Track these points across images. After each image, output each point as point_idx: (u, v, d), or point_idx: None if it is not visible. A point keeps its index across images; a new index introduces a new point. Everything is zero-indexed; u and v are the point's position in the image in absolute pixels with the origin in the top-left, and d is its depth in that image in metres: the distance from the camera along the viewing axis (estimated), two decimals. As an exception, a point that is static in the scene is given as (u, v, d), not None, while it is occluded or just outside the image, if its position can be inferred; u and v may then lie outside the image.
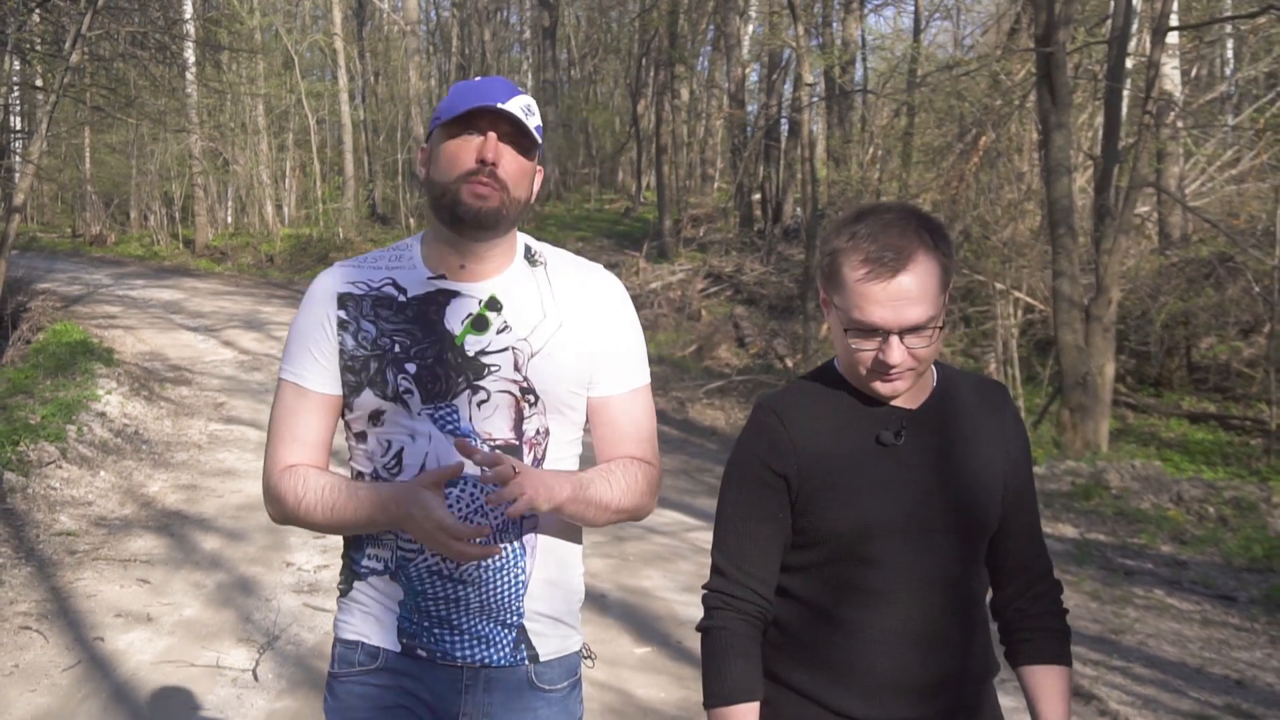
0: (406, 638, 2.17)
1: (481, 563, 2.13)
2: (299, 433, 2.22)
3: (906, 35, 25.91)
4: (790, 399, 2.18)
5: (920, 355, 2.03)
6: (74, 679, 4.87)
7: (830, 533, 2.06)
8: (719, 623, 2.11)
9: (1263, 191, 16.27)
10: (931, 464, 2.10)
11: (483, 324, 2.18)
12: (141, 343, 15.07)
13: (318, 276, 2.29)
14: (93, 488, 8.08)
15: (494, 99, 2.12)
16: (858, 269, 2.01)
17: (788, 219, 24.48)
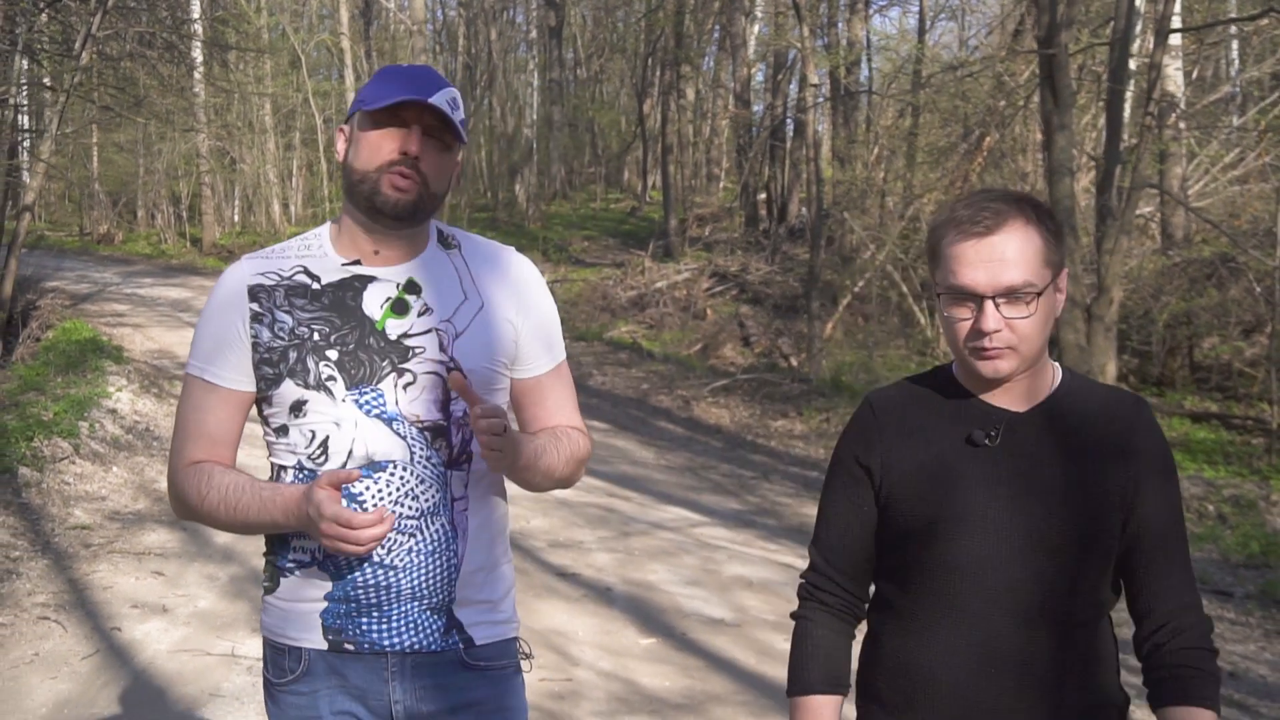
0: (332, 634, 2.14)
1: (412, 549, 2.10)
2: (206, 429, 2.18)
3: (912, 36, 25.99)
4: (892, 393, 2.15)
5: (1020, 330, 1.93)
6: (93, 667, 4.99)
7: (906, 531, 2.03)
8: (805, 614, 2.13)
9: (1265, 192, 16.34)
10: (1027, 472, 1.99)
11: (403, 307, 2.16)
12: (150, 340, 15.18)
13: (226, 270, 2.26)
14: (105, 483, 8.20)
15: (422, 91, 2.10)
16: (953, 234, 1.97)
17: (793, 219, 24.58)
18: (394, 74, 2.17)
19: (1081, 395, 2.06)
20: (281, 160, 31.21)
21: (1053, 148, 12.83)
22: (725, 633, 5.94)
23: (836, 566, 2.11)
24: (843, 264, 19.44)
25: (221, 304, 2.18)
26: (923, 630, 2.00)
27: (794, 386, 15.15)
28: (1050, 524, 1.95)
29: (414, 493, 2.11)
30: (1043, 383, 2.04)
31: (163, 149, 29.32)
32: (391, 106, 2.10)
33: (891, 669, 2.04)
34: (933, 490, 2.00)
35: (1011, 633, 1.95)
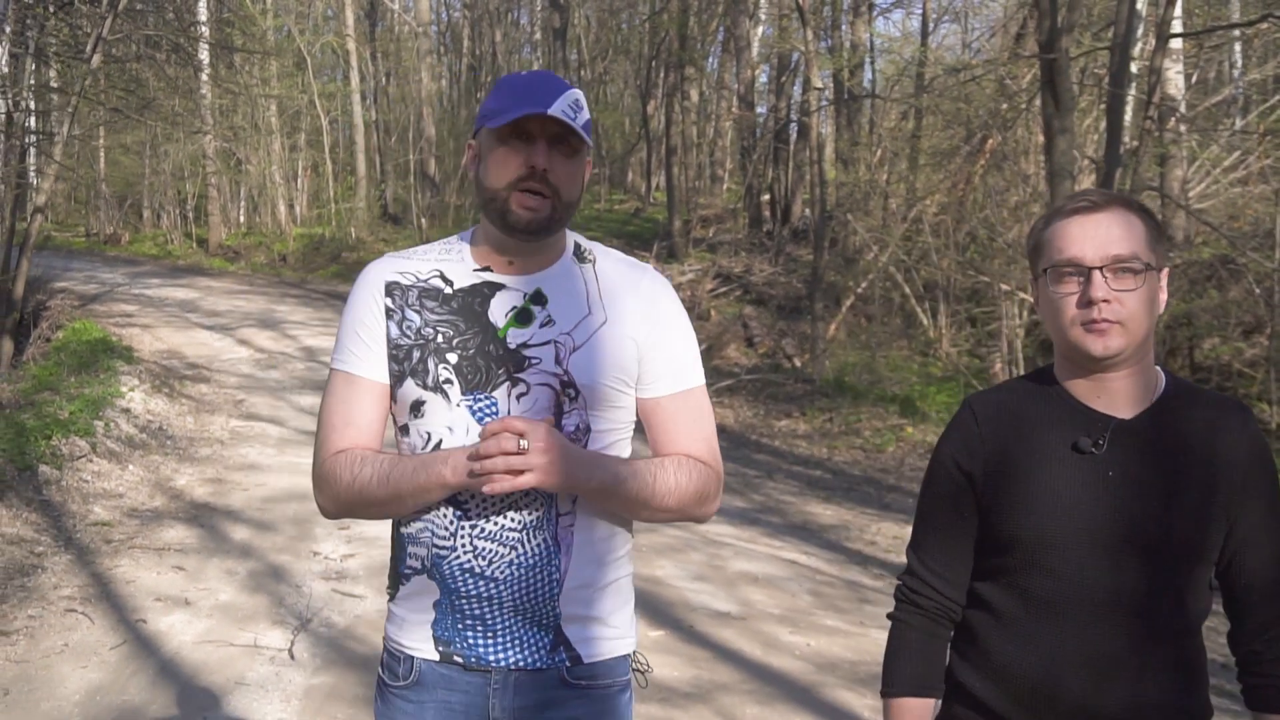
0: (443, 645, 2.15)
1: (513, 561, 2.09)
2: (352, 417, 2.19)
3: (915, 38, 26.14)
4: (994, 396, 2.14)
5: (1128, 304, 1.95)
6: (122, 656, 5.16)
7: (1011, 537, 2.02)
8: (901, 615, 2.15)
9: (1266, 194, 16.45)
10: (1134, 479, 1.98)
11: (526, 317, 2.15)
12: (159, 341, 15.31)
13: (366, 266, 2.28)
14: (123, 480, 8.35)
15: (542, 103, 2.07)
16: (1057, 219, 2.01)
17: (797, 220, 24.70)
18: (513, 85, 2.15)
19: (1188, 401, 2.05)
20: (287, 161, 31.35)
21: (1054, 151, 12.96)
22: (731, 625, 6.09)
23: (935, 571, 2.13)
24: (846, 265, 19.56)
25: (361, 298, 2.22)
26: (1023, 635, 2.01)
27: (797, 387, 15.29)
28: (1156, 533, 1.96)
29: (518, 505, 2.10)
30: (1148, 387, 2.04)
31: (169, 150, 29.47)
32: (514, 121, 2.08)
33: (990, 672, 2.05)
34: (1037, 498, 2.00)
35: (1109, 639, 1.96)
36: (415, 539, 2.15)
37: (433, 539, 2.13)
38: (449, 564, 2.11)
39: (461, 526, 2.11)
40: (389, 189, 32.11)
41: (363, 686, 4.89)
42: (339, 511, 2.22)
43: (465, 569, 2.10)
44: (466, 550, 2.10)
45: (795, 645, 5.84)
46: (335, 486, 2.17)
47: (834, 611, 6.47)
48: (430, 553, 2.13)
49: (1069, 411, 2.04)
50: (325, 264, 26.67)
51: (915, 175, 20.28)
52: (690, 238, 24.91)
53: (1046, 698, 1.98)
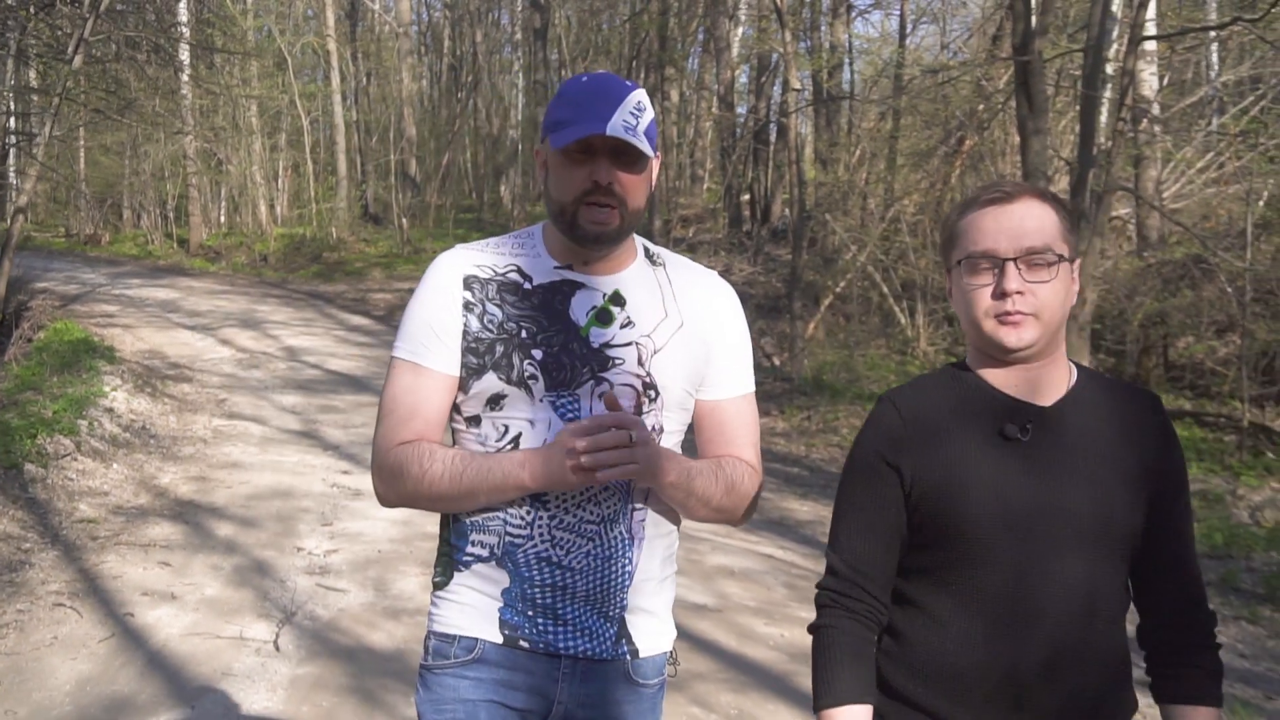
0: (509, 629, 2.17)
1: (590, 552, 2.14)
2: (420, 411, 2.19)
3: (894, 39, 26.32)
4: (912, 390, 2.12)
5: (1041, 296, 1.97)
6: (110, 649, 5.27)
7: (943, 530, 1.99)
8: (828, 621, 2.07)
9: (1238, 193, 16.63)
10: (1059, 465, 1.99)
11: (607, 317, 2.19)
12: (140, 341, 15.34)
13: (439, 257, 2.28)
14: (107, 479, 8.44)
15: (601, 116, 2.08)
16: (970, 209, 2.02)
17: (776, 220, 24.87)
18: (574, 94, 2.15)
19: (1100, 390, 2.07)
20: (268, 161, 31.37)
21: (1028, 152, 13.15)
22: (708, 617, 6.23)
23: (861, 570, 2.06)
24: (825, 265, 19.73)
25: (435, 289, 2.22)
26: (957, 629, 1.98)
27: (776, 385, 15.43)
28: (1084, 517, 1.95)
29: (596, 498, 2.15)
30: (1061, 377, 2.05)
31: (149, 151, 29.47)
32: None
33: (922, 668, 2.02)
34: (967, 487, 1.98)
35: (1059, 632, 1.94)
36: (483, 527, 2.17)
37: (505, 527, 2.15)
38: (523, 552, 2.14)
39: (539, 517, 2.14)
40: (370, 189, 32.16)
41: (347, 677, 5.01)
42: (400, 502, 2.23)
43: (542, 558, 2.14)
44: (544, 540, 2.14)
45: (770, 636, 5.99)
46: (402, 479, 2.17)
47: (808, 604, 6.57)
48: (502, 541, 2.16)
49: (990, 401, 2.03)
50: (306, 264, 26.73)
51: (893, 175, 20.46)
52: (671, 237, 25.03)
53: (987, 694, 1.96)
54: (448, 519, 2.25)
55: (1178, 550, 2.05)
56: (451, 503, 2.17)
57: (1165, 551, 2.04)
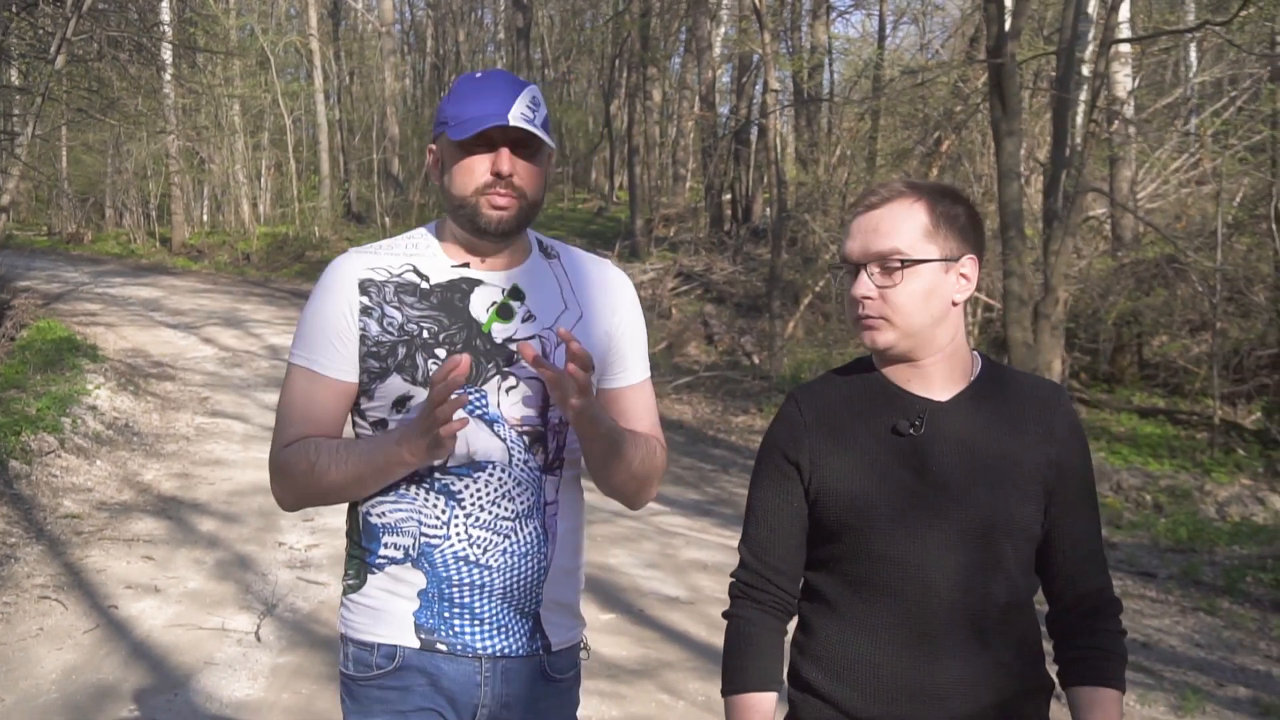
0: (424, 633, 2.16)
1: (507, 549, 2.15)
2: (312, 415, 2.19)
3: (874, 39, 26.49)
4: (816, 387, 2.16)
5: (890, 299, 2.00)
6: (95, 639, 5.40)
7: (837, 523, 2.04)
8: (738, 612, 2.14)
9: (1211, 194, 16.81)
10: (952, 458, 2.02)
11: (508, 312, 2.20)
12: (123, 340, 15.41)
13: (333, 262, 2.27)
14: (91, 475, 8.56)
15: (501, 108, 2.10)
16: (853, 214, 2.08)
17: (757, 219, 25.02)
18: (470, 89, 2.17)
19: (1001, 383, 2.10)
20: (250, 160, 31.42)
21: (1002, 153, 13.32)
22: (679, 609, 6.39)
23: (768, 563, 2.11)
24: (804, 264, 19.89)
25: (330, 295, 2.21)
26: (857, 619, 2.02)
27: (755, 384, 15.62)
28: (977, 510, 1.98)
29: (510, 494, 2.16)
30: (960, 371, 2.07)
31: (132, 149, 29.50)
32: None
33: (828, 659, 2.05)
34: (861, 481, 2.02)
35: (945, 618, 1.97)
36: (396, 529, 2.17)
37: (420, 528, 2.15)
38: (440, 552, 2.14)
39: (455, 516, 2.14)
40: (353, 188, 32.23)
41: (328, 665, 5.15)
42: (297, 501, 2.24)
43: (459, 557, 2.14)
44: (461, 539, 2.14)
45: (739, 627, 6.14)
46: (292, 476, 2.18)
47: (778, 596, 6.77)
48: (417, 541, 2.15)
49: (888, 397, 2.07)
50: (289, 263, 26.81)
51: (872, 176, 20.60)
52: (652, 237, 25.20)
53: (884, 683, 2.00)
54: (356, 522, 2.24)
55: (1078, 540, 2.08)
56: (343, 492, 2.17)
57: (1065, 541, 2.07)
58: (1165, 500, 11.10)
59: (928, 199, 2.04)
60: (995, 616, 2.00)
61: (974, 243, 2.06)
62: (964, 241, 2.04)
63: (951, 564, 1.98)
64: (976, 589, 1.99)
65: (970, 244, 2.05)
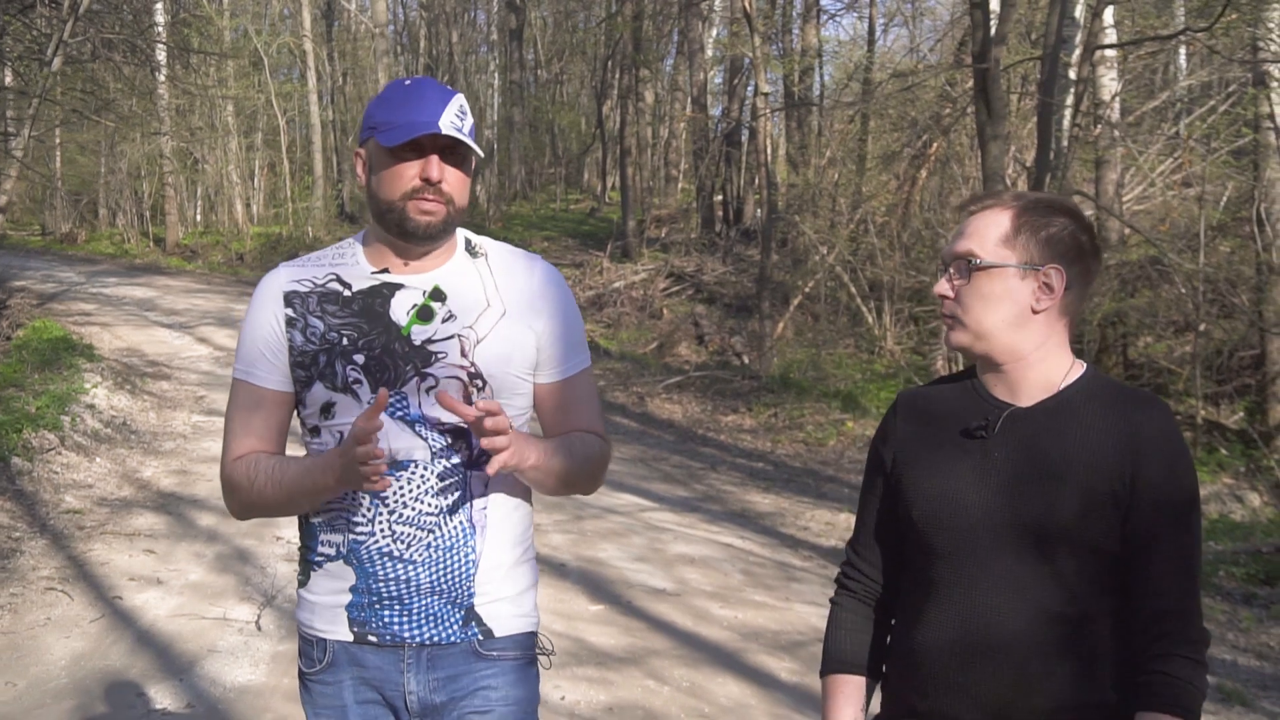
0: (357, 626, 2.23)
1: (430, 544, 2.20)
2: (253, 428, 2.29)
3: (865, 42, 26.69)
4: (916, 390, 2.24)
5: (961, 299, 2.07)
6: (101, 628, 5.59)
7: (909, 522, 2.11)
8: (835, 599, 2.27)
9: (1194, 196, 17.00)
10: (1020, 464, 2.03)
11: (428, 314, 2.23)
12: (118, 339, 15.54)
13: (264, 277, 2.35)
14: (91, 472, 8.73)
15: (431, 116, 2.16)
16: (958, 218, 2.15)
17: (748, 221, 25.19)
18: (400, 96, 2.21)
19: (1093, 394, 2.06)
20: (244, 161, 31.56)
21: (986, 157, 13.54)
22: (666, 601, 6.58)
23: (861, 555, 2.24)
24: (794, 265, 20.06)
25: (259, 309, 2.30)
26: (917, 617, 2.09)
27: (745, 383, 15.79)
28: (1031, 515, 1.99)
29: (434, 490, 2.21)
30: (1047, 378, 2.08)
31: (126, 150, 29.61)
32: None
33: (900, 659, 2.14)
34: (929, 480, 2.09)
35: (997, 622, 1.99)
36: (329, 526, 2.24)
37: (349, 526, 2.22)
38: (366, 549, 2.21)
39: (380, 513, 2.20)
40: (346, 188, 32.35)
41: (325, 654, 5.34)
42: (245, 514, 2.35)
43: (384, 553, 2.20)
44: (385, 535, 2.20)
45: (724, 618, 6.35)
46: (236, 492, 2.29)
47: (763, 589, 6.97)
48: (346, 539, 2.22)
49: (974, 402, 2.12)
50: (282, 262, 26.88)
51: (862, 178, 20.79)
52: (644, 237, 25.35)
53: (935, 681, 2.04)
54: (302, 521, 2.32)
55: (1157, 558, 2.00)
56: (283, 508, 2.27)
57: (1143, 558, 2.01)
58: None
59: (1018, 205, 2.08)
60: (1058, 627, 1.99)
61: (1064, 256, 2.05)
62: (1049, 251, 2.05)
63: (1001, 568, 2.01)
64: (1035, 597, 1.99)
65: (1060, 256, 2.05)
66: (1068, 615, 1.99)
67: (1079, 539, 1.98)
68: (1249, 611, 7.42)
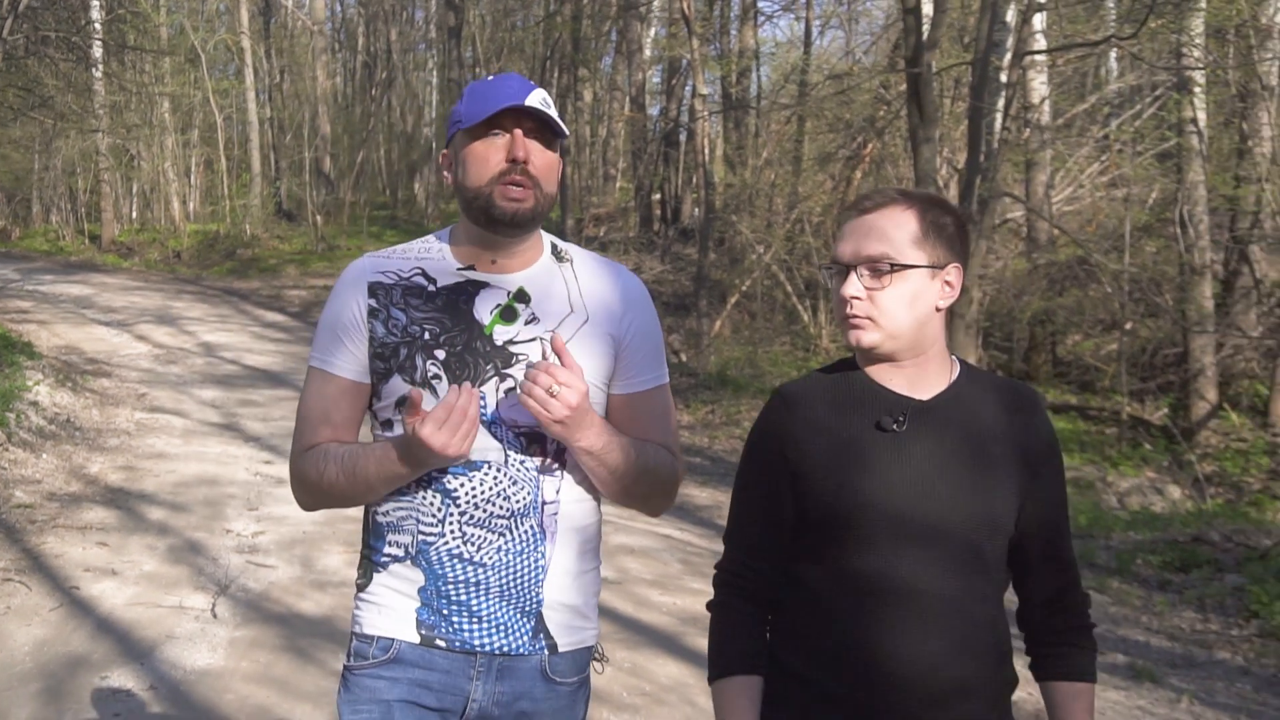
0: (425, 629, 2.20)
1: (501, 547, 2.18)
2: (329, 415, 2.26)
3: (803, 43, 27.03)
4: (801, 385, 2.22)
5: (878, 301, 2.09)
6: (61, 616, 5.74)
7: (822, 516, 2.10)
8: (722, 599, 2.22)
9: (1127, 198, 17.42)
10: (933, 456, 2.09)
11: (511, 315, 2.21)
12: (56, 337, 15.49)
13: (349, 266, 2.32)
14: (39, 468, 8.81)
15: (516, 96, 2.14)
16: (844, 217, 2.16)
17: (686, 220, 25.45)
18: (483, 89, 2.20)
19: (980, 386, 2.18)
20: (181, 158, 31.37)
21: (919, 159, 13.88)
22: (608, 589, 6.82)
23: (751, 553, 2.19)
24: (731, 264, 20.34)
25: (342, 298, 2.26)
26: (837, 607, 2.10)
27: (683, 380, 16.04)
28: (956, 505, 2.06)
29: (506, 493, 2.18)
30: (941, 372, 2.16)
31: (61, 146, 29.33)
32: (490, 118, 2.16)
33: (808, 647, 2.13)
34: (844, 475, 2.09)
35: (922, 608, 2.05)
36: (398, 527, 2.22)
37: (418, 526, 2.20)
38: (435, 550, 2.19)
39: (450, 514, 2.18)
40: (284, 186, 32.26)
41: (282, 638, 5.54)
42: (315, 504, 2.31)
43: (454, 555, 2.18)
44: (455, 536, 2.18)
45: (664, 604, 6.61)
46: (306, 483, 2.27)
47: (700, 577, 7.24)
48: (415, 540, 2.20)
49: (871, 395, 2.15)
50: (220, 260, 26.86)
51: (798, 178, 21.11)
52: (583, 236, 25.49)
53: (861, 667, 2.06)
54: (367, 521, 2.31)
55: (1051, 539, 2.17)
56: (354, 498, 2.24)
57: (1039, 540, 2.15)
58: (1071, 491, 11.67)
59: (919, 207, 2.12)
60: (970, 608, 2.08)
61: (959, 252, 2.15)
62: (950, 250, 2.13)
63: (930, 556, 2.06)
64: (954, 579, 2.06)
65: (956, 253, 2.14)
66: (985, 594, 2.10)
67: (995, 523, 2.08)
68: (1163, 596, 7.80)
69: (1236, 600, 7.47)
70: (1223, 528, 9.25)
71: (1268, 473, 13.42)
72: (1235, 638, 6.96)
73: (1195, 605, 7.57)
